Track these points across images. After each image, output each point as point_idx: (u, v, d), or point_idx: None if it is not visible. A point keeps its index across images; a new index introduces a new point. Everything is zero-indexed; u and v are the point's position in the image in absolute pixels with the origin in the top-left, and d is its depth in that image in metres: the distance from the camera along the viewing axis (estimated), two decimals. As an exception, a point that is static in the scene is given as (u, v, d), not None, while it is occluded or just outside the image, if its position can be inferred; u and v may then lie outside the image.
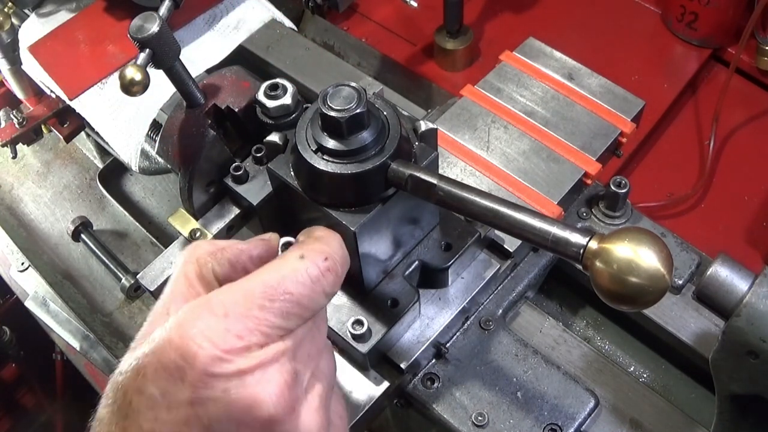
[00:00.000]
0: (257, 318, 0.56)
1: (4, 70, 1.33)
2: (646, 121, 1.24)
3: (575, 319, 1.11)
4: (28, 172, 1.65)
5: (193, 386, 0.54)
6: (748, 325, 0.69)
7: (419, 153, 0.80)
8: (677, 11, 1.63)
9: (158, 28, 0.77)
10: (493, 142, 1.05)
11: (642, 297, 0.62)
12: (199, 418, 0.54)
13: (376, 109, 0.76)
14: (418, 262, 0.90)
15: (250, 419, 0.55)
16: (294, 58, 1.28)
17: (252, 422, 0.55)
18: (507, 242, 0.96)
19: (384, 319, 0.85)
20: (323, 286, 0.61)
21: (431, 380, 0.91)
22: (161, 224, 1.53)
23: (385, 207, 0.78)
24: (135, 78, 0.77)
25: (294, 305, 0.58)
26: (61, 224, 1.54)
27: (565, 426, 0.87)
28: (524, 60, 1.14)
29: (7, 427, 2.47)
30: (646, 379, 1.06)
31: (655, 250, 0.62)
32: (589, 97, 1.09)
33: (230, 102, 0.89)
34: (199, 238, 0.90)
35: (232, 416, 0.55)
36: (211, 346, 0.55)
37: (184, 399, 0.54)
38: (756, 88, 1.62)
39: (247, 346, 0.56)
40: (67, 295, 1.43)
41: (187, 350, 0.54)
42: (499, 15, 1.77)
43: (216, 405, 0.54)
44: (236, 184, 0.89)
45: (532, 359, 0.92)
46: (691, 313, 1.00)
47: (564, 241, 0.67)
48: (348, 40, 1.71)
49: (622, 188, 1.01)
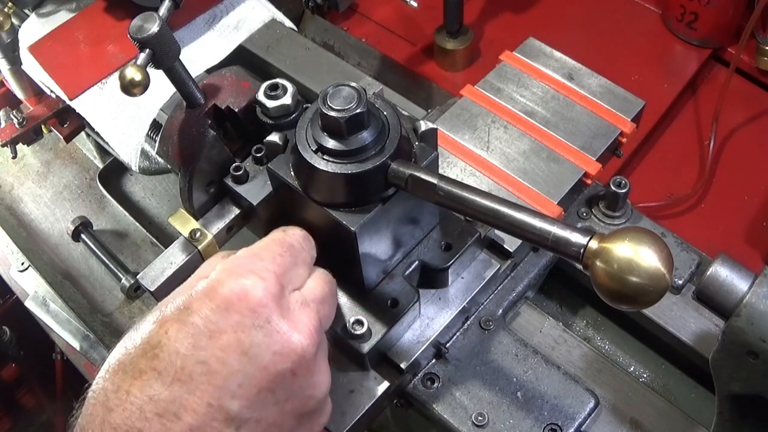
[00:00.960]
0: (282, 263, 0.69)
1: (4, 70, 1.33)
2: (646, 121, 1.24)
3: (575, 319, 1.11)
4: (28, 172, 1.65)
5: (241, 314, 0.62)
6: (748, 325, 0.69)
7: (419, 153, 0.80)
8: (677, 11, 1.63)
9: (158, 28, 0.77)
10: (493, 142, 1.05)
11: (642, 296, 0.62)
12: (241, 343, 0.61)
13: (376, 109, 0.76)
14: (418, 262, 0.90)
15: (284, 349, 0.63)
16: (294, 58, 1.28)
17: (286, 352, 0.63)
18: (507, 242, 0.96)
19: (384, 319, 0.85)
20: (311, 243, 0.76)
21: (431, 380, 0.91)
22: (161, 224, 1.53)
23: (385, 207, 0.78)
24: (135, 78, 0.77)
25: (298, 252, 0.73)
26: (61, 224, 1.54)
27: (565, 426, 0.87)
28: (524, 60, 1.14)
29: (7, 427, 2.47)
30: (646, 379, 1.06)
31: (656, 249, 0.62)
32: (589, 97, 1.09)
33: (230, 102, 0.88)
34: (199, 238, 0.90)
35: (269, 344, 0.62)
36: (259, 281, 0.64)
37: (227, 326, 0.61)
38: (756, 88, 1.62)
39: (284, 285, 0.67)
40: (67, 295, 1.43)
41: (239, 286, 0.63)
42: (499, 15, 1.77)
43: (257, 333, 0.62)
44: (236, 184, 0.89)
45: (532, 359, 0.92)
46: (691, 313, 1.00)
47: (564, 240, 0.67)
48: (348, 40, 1.71)
49: (622, 188, 1.01)
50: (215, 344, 0.61)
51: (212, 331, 0.61)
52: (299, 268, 0.72)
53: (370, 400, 0.86)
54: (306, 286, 0.72)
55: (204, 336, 0.61)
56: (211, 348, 0.60)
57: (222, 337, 0.61)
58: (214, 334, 0.61)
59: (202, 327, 0.61)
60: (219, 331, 0.61)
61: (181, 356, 0.60)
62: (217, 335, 0.61)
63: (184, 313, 0.62)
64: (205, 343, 0.60)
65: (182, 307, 0.63)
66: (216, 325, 0.61)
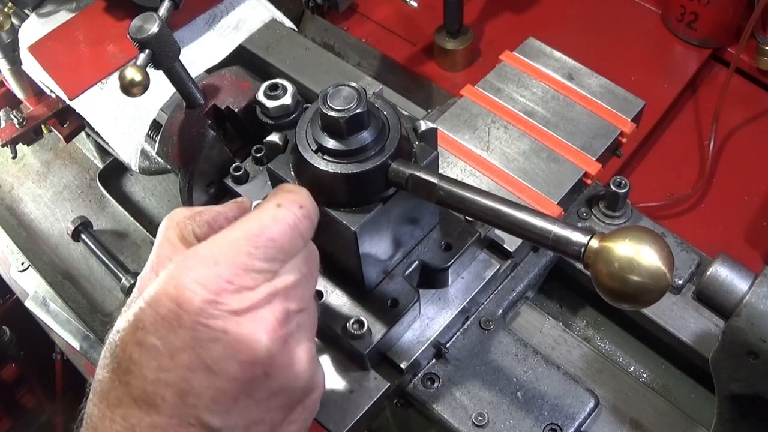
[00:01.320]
0: (245, 264, 0.61)
1: (4, 70, 1.33)
2: (646, 121, 1.24)
3: (575, 319, 1.11)
4: (28, 172, 1.65)
5: (193, 330, 0.58)
6: (748, 325, 0.69)
7: (419, 153, 0.80)
8: (677, 11, 1.63)
9: (158, 28, 0.77)
10: (493, 142, 1.05)
11: (643, 295, 0.63)
12: (202, 360, 0.58)
13: (376, 109, 0.76)
14: (418, 262, 0.90)
15: (248, 356, 0.60)
16: (294, 58, 1.28)
17: (251, 358, 0.60)
18: (507, 242, 0.96)
19: (384, 319, 0.85)
20: (300, 231, 0.66)
21: (431, 380, 0.91)
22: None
23: (385, 207, 0.78)
24: (135, 78, 0.77)
25: (277, 250, 0.64)
26: (61, 224, 1.54)
27: (565, 426, 0.87)
28: (524, 60, 1.14)
29: (7, 427, 2.47)
30: (646, 379, 1.06)
31: (656, 248, 0.62)
32: (589, 97, 1.09)
33: (230, 102, 0.89)
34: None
35: (231, 355, 0.59)
36: (204, 291, 0.59)
37: (184, 344, 0.58)
38: (756, 88, 1.62)
39: (238, 288, 0.60)
40: (67, 295, 1.43)
41: (183, 297, 0.59)
42: (499, 15, 1.77)
43: (216, 345, 0.59)
44: (236, 185, 0.89)
45: (532, 359, 0.92)
46: (691, 313, 1.00)
47: (565, 239, 0.67)
48: (348, 40, 1.72)
49: (622, 188, 1.01)
50: (178, 364, 0.58)
51: (171, 351, 0.59)
52: (278, 259, 0.64)
53: (370, 400, 0.86)
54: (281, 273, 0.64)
55: (165, 357, 0.59)
56: (175, 369, 0.58)
57: (182, 355, 0.58)
58: (174, 354, 0.59)
59: (161, 348, 0.59)
60: (178, 350, 0.58)
61: (150, 382, 0.58)
62: (177, 354, 0.58)
63: (140, 333, 0.59)
64: (168, 364, 0.58)
65: (137, 326, 0.60)
66: (173, 344, 0.59)
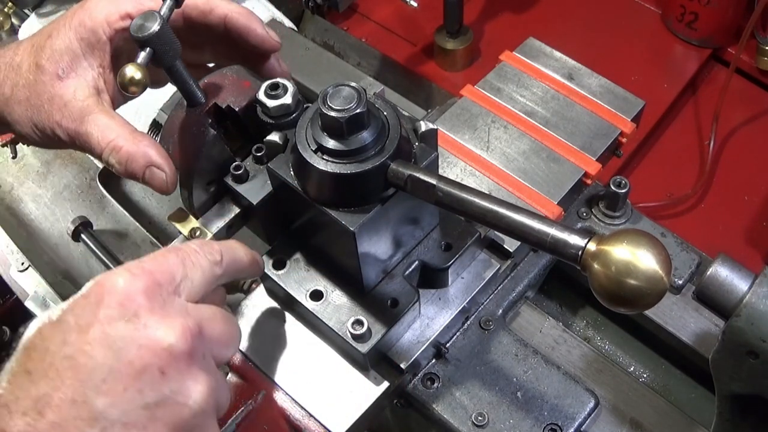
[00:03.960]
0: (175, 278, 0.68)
1: (4, 69, 1.32)
2: (646, 121, 1.24)
3: (575, 319, 1.11)
4: (28, 172, 1.65)
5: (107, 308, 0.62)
6: (748, 325, 0.69)
7: (419, 153, 0.80)
8: (677, 11, 1.63)
9: (159, 27, 0.76)
10: (493, 142, 1.05)
11: (640, 299, 0.62)
12: (106, 336, 0.61)
13: (376, 109, 0.76)
14: (418, 262, 0.90)
15: (149, 344, 0.62)
16: (294, 58, 1.28)
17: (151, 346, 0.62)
18: (507, 242, 0.96)
19: (384, 319, 0.85)
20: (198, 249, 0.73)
21: (431, 380, 0.91)
22: (161, 224, 1.52)
23: (384, 207, 0.78)
24: (135, 77, 0.77)
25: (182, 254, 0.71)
26: (61, 224, 1.54)
27: (565, 426, 0.87)
28: (524, 60, 1.14)
29: (7, 427, 2.46)
30: (646, 379, 1.06)
31: (654, 252, 0.62)
32: (589, 97, 1.09)
33: (231, 101, 0.88)
34: (199, 237, 0.90)
35: (135, 337, 0.62)
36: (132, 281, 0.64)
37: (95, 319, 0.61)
38: (756, 88, 1.62)
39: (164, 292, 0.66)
40: (67, 295, 1.41)
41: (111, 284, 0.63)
42: (499, 15, 1.77)
43: (124, 325, 0.62)
44: (236, 184, 0.89)
45: (532, 359, 0.92)
46: (691, 313, 1.00)
47: (562, 242, 0.67)
48: (348, 40, 1.72)
49: (622, 188, 1.01)
50: (83, 338, 0.61)
51: (81, 326, 0.61)
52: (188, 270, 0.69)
53: (370, 400, 0.86)
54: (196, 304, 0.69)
55: (73, 331, 0.61)
56: (79, 342, 0.60)
57: (90, 330, 0.61)
58: (83, 329, 0.61)
59: (72, 323, 0.62)
60: (87, 325, 0.61)
61: (50, 353, 0.60)
62: (85, 329, 0.61)
63: (62, 314, 0.63)
64: (74, 338, 0.61)
65: (63, 309, 0.64)
66: (85, 319, 0.62)
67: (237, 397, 0.87)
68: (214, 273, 0.72)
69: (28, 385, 0.60)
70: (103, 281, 0.64)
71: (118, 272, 0.65)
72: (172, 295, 0.67)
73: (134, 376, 0.61)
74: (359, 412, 0.85)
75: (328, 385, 0.88)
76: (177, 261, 0.69)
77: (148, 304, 0.64)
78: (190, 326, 0.65)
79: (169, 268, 0.68)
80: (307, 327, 0.91)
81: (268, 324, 0.92)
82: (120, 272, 0.65)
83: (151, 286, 0.65)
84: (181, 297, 0.68)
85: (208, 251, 0.73)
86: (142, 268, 0.66)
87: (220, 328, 0.69)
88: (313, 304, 0.87)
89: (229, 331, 0.71)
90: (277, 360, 0.89)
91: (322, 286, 0.88)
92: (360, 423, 0.86)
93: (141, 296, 0.64)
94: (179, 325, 0.64)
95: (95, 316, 0.62)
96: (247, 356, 0.90)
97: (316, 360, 0.89)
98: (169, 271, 0.67)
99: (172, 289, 0.67)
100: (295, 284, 0.89)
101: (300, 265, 0.90)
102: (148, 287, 0.64)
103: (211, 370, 0.67)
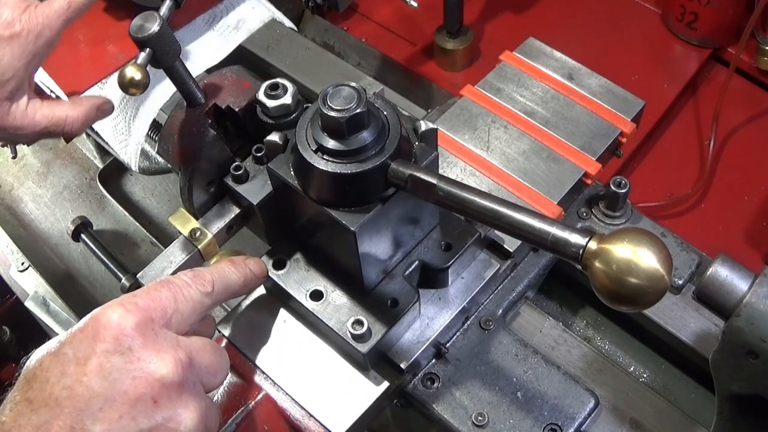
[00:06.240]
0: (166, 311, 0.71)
1: (4, 70, 1.32)
2: (646, 121, 1.24)
3: (575, 319, 1.11)
4: (28, 172, 1.65)
5: (104, 342, 0.65)
6: (748, 325, 0.69)
7: (419, 153, 0.80)
8: (677, 11, 1.63)
9: (158, 27, 0.77)
10: (493, 142, 1.05)
11: (641, 298, 0.62)
12: (102, 368, 0.64)
13: (376, 109, 0.76)
14: (418, 262, 0.90)
15: (143, 375, 0.65)
16: (294, 58, 1.28)
17: (145, 378, 0.65)
18: (507, 242, 0.96)
19: (384, 319, 0.85)
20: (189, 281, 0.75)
21: (431, 380, 0.91)
22: (161, 224, 1.53)
23: (384, 207, 0.78)
24: (135, 77, 0.77)
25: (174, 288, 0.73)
26: (61, 224, 1.54)
27: (565, 426, 0.87)
28: (524, 60, 1.14)
29: (6, 427, 2.46)
30: (646, 379, 1.06)
31: (654, 250, 0.62)
32: (589, 97, 1.09)
33: (231, 101, 0.89)
34: (199, 237, 0.90)
35: (129, 369, 0.65)
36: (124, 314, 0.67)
37: (93, 352, 0.65)
38: (756, 88, 1.62)
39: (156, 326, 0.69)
40: (67, 295, 1.43)
41: (107, 319, 0.67)
42: (499, 15, 1.77)
43: (119, 358, 0.65)
44: (236, 184, 0.89)
45: (532, 359, 0.92)
46: (691, 313, 1.00)
47: (563, 241, 0.67)
48: (348, 40, 1.72)
49: (622, 188, 1.01)
50: (81, 370, 0.64)
51: (79, 359, 0.65)
52: (179, 304, 0.72)
53: (370, 400, 0.86)
54: (186, 336, 0.73)
55: (72, 363, 0.64)
56: (77, 374, 0.64)
57: (87, 363, 0.64)
58: (81, 361, 0.65)
59: (71, 356, 0.65)
60: (85, 357, 0.65)
61: (50, 384, 0.64)
62: (83, 362, 0.64)
63: (60, 347, 0.66)
64: (72, 369, 0.64)
65: (61, 341, 0.67)
66: (83, 352, 0.65)
67: (237, 397, 0.87)
68: (203, 304, 0.75)
69: (30, 413, 0.63)
70: (99, 316, 0.67)
71: (113, 307, 0.68)
72: (164, 329, 0.70)
73: (129, 405, 0.64)
74: (359, 412, 0.85)
75: (328, 385, 0.88)
76: (169, 296, 0.72)
77: (141, 339, 0.67)
78: (181, 358, 0.68)
79: (161, 304, 0.71)
80: (307, 327, 0.91)
81: (268, 324, 0.92)
82: (114, 307, 0.68)
83: (144, 321, 0.68)
84: (172, 329, 0.71)
85: (199, 283, 0.75)
86: (135, 304, 0.69)
87: (208, 358, 0.73)
88: (313, 304, 0.87)
89: (218, 361, 0.74)
90: (276, 360, 0.90)
91: (322, 286, 0.88)
92: (360, 423, 0.86)
93: (134, 331, 0.67)
94: (170, 357, 0.67)
95: (92, 350, 0.65)
96: (247, 356, 0.90)
97: (316, 360, 0.89)
98: (161, 307, 0.70)
99: (164, 323, 0.70)
100: (295, 284, 0.89)
101: (300, 265, 0.90)
102: (140, 322, 0.67)
103: (201, 396, 0.71)
